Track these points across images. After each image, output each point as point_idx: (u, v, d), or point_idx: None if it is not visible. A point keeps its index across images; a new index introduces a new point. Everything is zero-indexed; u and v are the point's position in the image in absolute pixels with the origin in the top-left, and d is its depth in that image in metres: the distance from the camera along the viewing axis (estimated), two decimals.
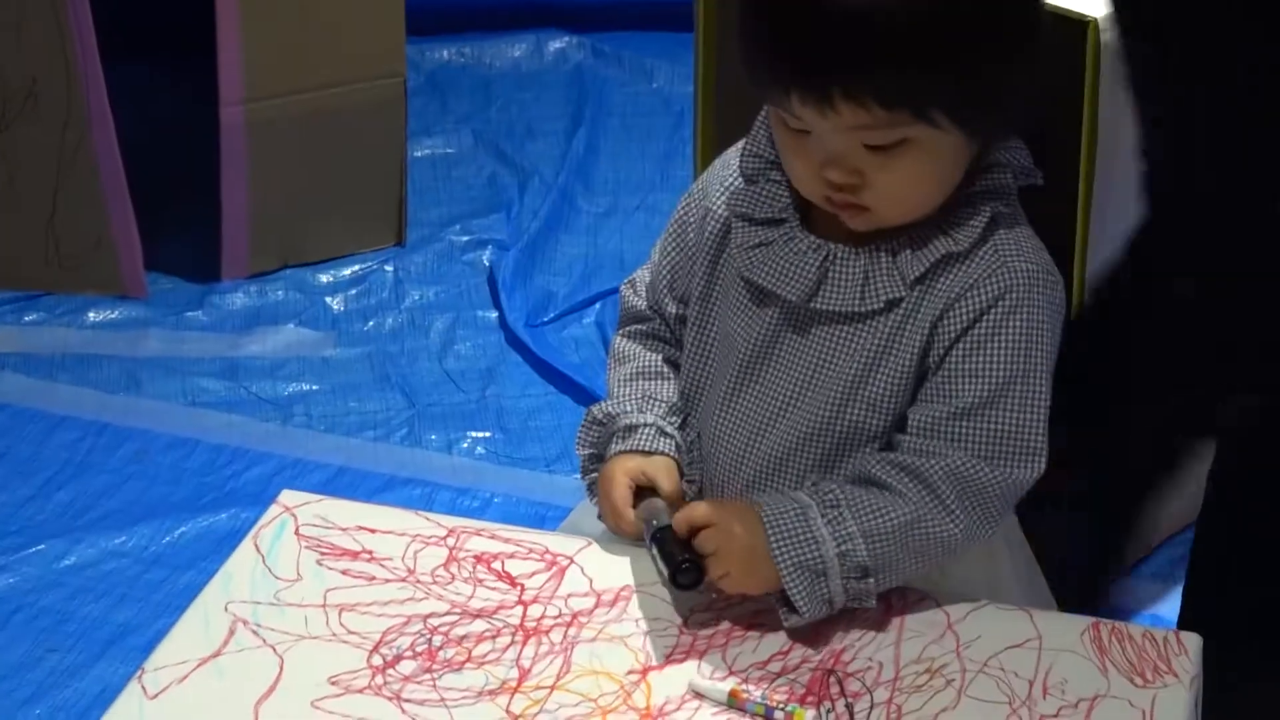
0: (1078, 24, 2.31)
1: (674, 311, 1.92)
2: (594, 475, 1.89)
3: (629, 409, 1.88)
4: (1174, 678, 1.67)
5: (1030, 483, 1.75)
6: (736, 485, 1.83)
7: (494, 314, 3.40)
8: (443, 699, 1.66)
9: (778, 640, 1.72)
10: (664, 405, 1.89)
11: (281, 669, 1.69)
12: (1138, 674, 1.68)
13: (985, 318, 1.73)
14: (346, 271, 3.50)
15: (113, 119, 3.28)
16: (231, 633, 1.73)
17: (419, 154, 3.79)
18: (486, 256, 3.55)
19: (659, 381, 1.92)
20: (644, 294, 1.96)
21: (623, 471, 1.84)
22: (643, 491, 1.83)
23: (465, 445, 3.09)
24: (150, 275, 3.46)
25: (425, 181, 3.74)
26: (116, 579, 2.81)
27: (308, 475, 3.01)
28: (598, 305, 3.41)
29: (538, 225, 3.59)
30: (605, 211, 3.68)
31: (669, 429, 1.87)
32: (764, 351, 1.81)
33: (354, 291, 3.46)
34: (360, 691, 1.67)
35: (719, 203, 1.85)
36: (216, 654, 1.71)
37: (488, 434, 3.11)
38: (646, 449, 1.85)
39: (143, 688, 1.67)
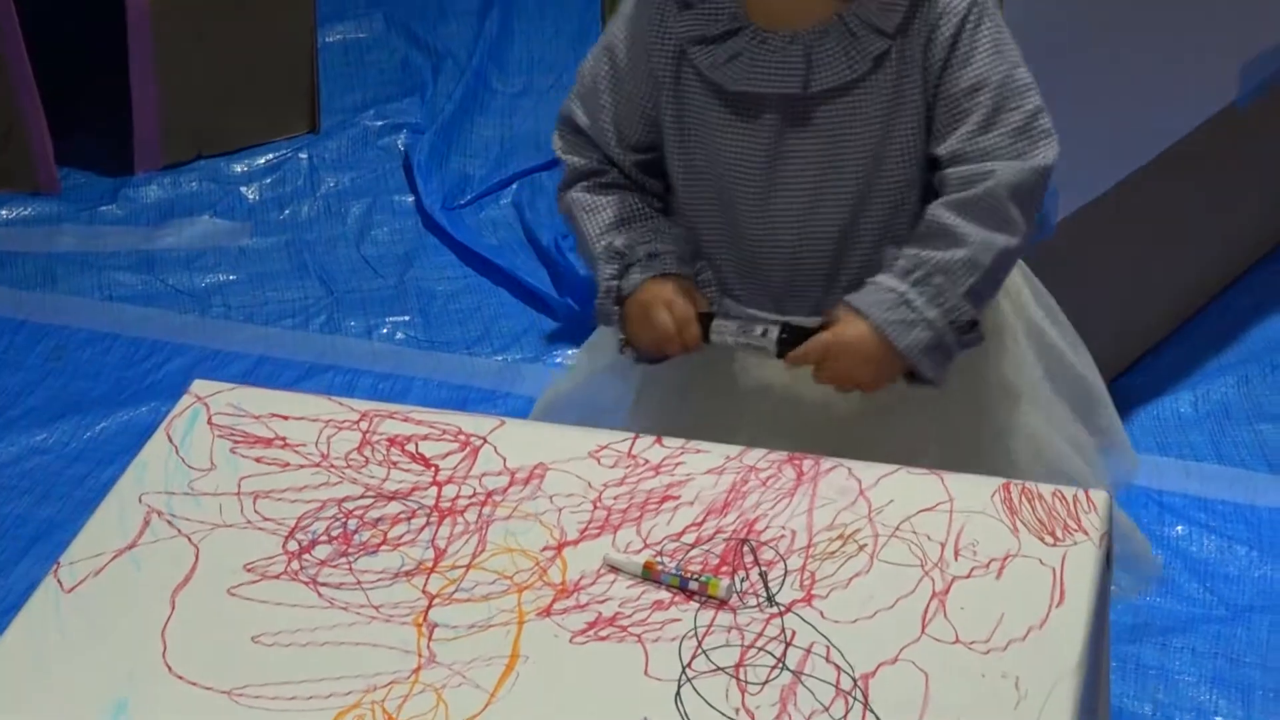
0: None
1: (631, 160, 1.95)
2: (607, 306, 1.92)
3: (646, 239, 1.92)
4: (1084, 535, 1.69)
5: (1054, 163, 1.86)
6: (803, 282, 1.91)
7: (410, 198, 3.38)
8: (359, 582, 1.66)
9: (692, 512, 1.73)
10: (670, 236, 1.93)
11: (197, 558, 1.69)
12: (1048, 532, 1.69)
13: (960, 37, 1.83)
14: (260, 160, 3.47)
15: (15, 12, 3.24)
16: (146, 523, 1.73)
17: (330, 39, 3.74)
18: (401, 141, 3.52)
19: (658, 219, 1.95)
20: (588, 154, 1.96)
21: (673, 289, 1.89)
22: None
23: (385, 331, 3.08)
24: (62, 170, 3.42)
25: (337, 67, 3.70)
26: (38, 476, 2.80)
27: (227, 366, 3.00)
28: (514, 186, 3.39)
29: (452, 108, 3.56)
30: (519, 92, 3.65)
31: (687, 257, 1.92)
32: (776, 155, 1.87)
33: (269, 180, 3.44)
34: (276, 577, 1.67)
35: (664, 38, 1.88)
36: (132, 545, 1.71)
37: (407, 318, 3.10)
38: (674, 272, 1.90)
39: (59, 581, 1.67)
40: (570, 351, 3.02)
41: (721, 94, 1.87)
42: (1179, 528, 2.65)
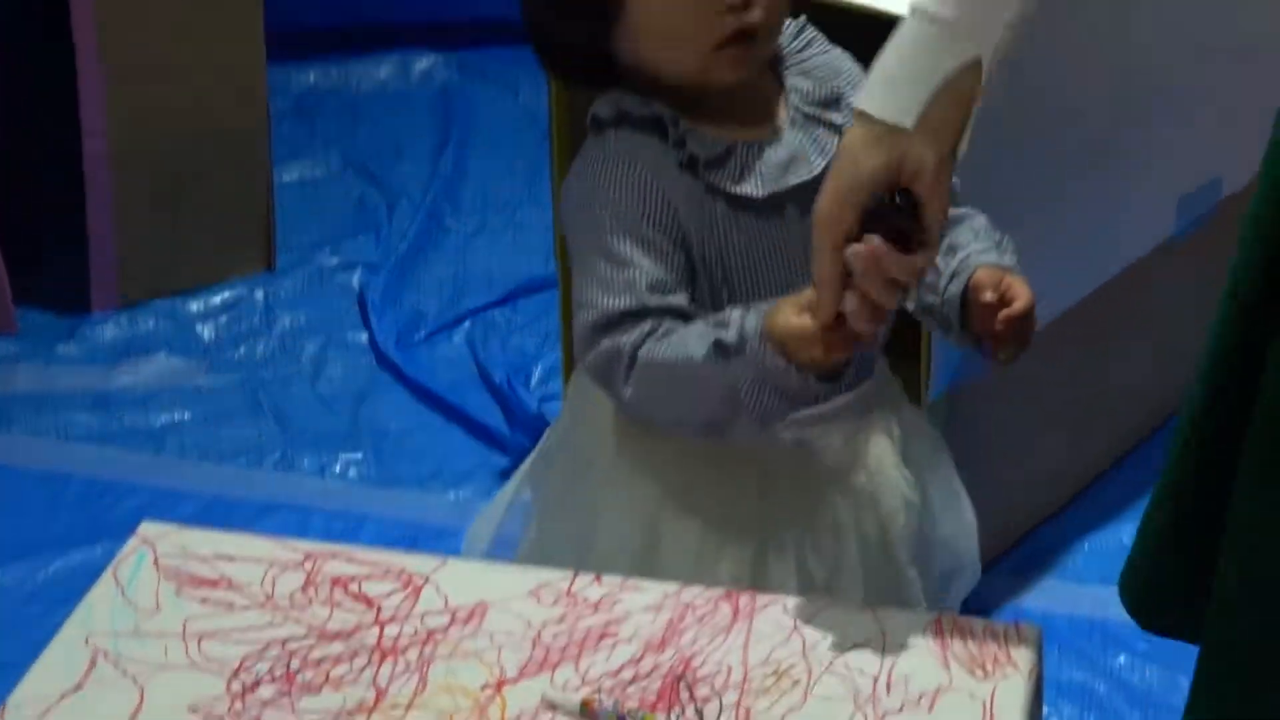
0: (887, 24, 2.35)
1: (684, 299, 1.94)
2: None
3: (725, 312, 1.91)
4: (1014, 669, 1.72)
5: None
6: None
7: (365, 336, 3.43)
8: None
9: (630, 649, 1.75)
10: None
11: (142, 699, 1.71)
12: (979, 666, 1.72)
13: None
14: (217, 299, 3.51)
15: None
16: (92, 665, 1.75)
17: (288, 178, 3.80)
18: (356, 278, 3.57)
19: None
20: (640, 324, 1.93)
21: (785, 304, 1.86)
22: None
23: (338, 468, 3.11)
24: (20, 309, 3.45)
25: (294, 206, 3.75)
26: None
27: (181, 504, 3.02)
28: (467, 323, 3.43)
29: (406, 245, 3.62)
30: (474, 230, 3.70)
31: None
32: (804, 245, 1.90)
33: (224, 319, 3.48)
34: (220, 718, 1.69)
35: (675, 179, 1.94)
36: (78, 687, 1.73)
37: (360, 455, 3.14)
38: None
39: None
40: None
41: (745, 207, 1.95)
42: (1121, 657, 2.68)
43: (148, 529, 1.92)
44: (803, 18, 2.05)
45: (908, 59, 1.73)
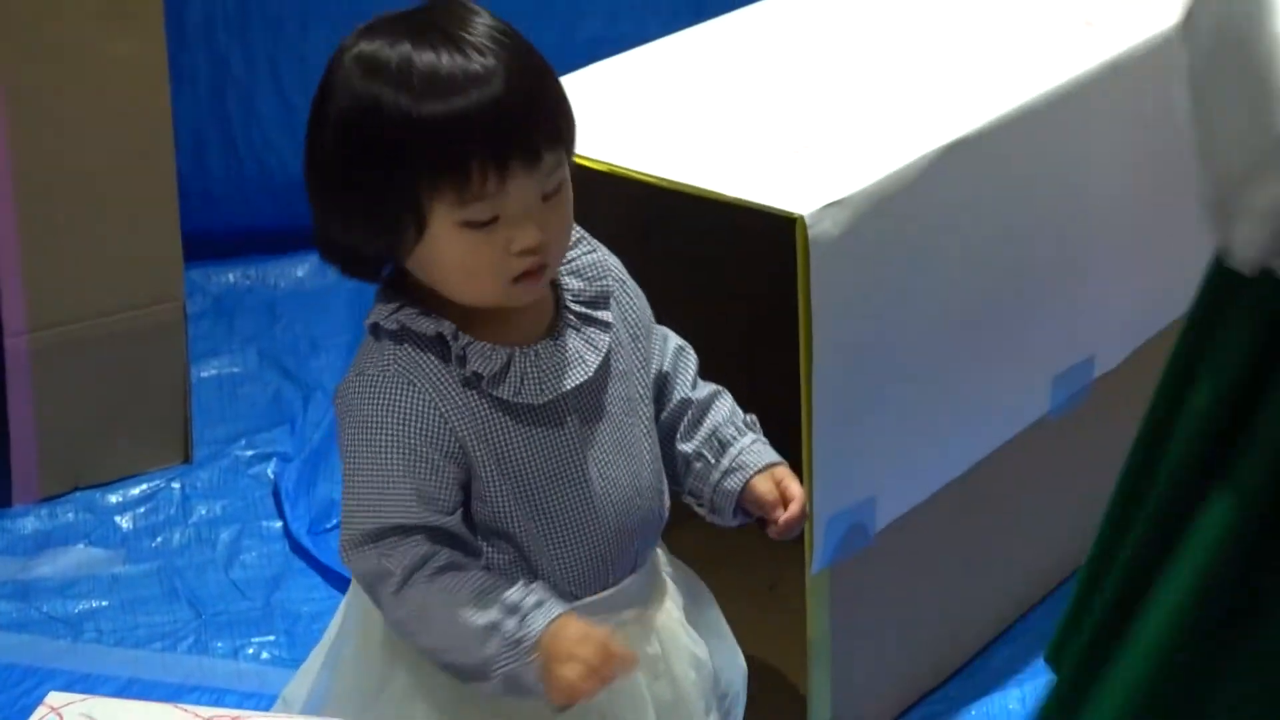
0: (786, 221, 2.47)
1: (455, 521, 2.04)
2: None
3: (521, 593, 2.01)
4: None
5: None
6: (629, 541, 2.11)
7: (279, 524, 3.52)
8: None
9: None
10: (537, 585, 2.04)
11: None
12: None
13: (625, 281, 2.17)
14: (135, 491, 3.60)
15: None
16: None
17: (206, 374, 3.91)
18: (271, 469, 3.67)
19: (508, 577, 2.04)
20: (412, 546, 2.02)
21: (578, 625, 1.99)
22: None
23: (250, 651, 3.19)
24: None
25: (212, 401, 3.85)
26: None
27: (98, 689, 3.09)
28: None
29: (320, 436, 3.72)
30: None
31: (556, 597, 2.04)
32: (585, 444, 2.06)
33: (142, 510, 3.56)
34: None
35: (453, 397, 2.02)
36: None
37: (272, 638, 3.22)
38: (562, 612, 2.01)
39: None
40: None
41: (528, 415, 2.04)
42: None
43: (54, 698, 2.00)
44: None
45: None
